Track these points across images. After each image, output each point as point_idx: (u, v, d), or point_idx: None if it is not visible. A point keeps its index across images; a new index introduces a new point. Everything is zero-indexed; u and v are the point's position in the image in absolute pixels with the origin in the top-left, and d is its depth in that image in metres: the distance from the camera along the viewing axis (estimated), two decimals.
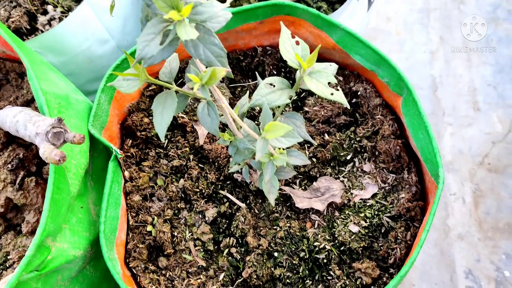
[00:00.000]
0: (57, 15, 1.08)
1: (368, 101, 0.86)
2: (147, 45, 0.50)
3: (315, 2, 1.05)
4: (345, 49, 0.84)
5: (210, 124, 0.63)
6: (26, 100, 0.89)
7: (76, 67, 1.07)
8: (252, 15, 0.88)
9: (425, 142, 0.71)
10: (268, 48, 0.98)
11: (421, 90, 1.33)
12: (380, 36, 1.41)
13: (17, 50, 0.75)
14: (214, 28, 0.53)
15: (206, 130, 0.81)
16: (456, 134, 1.26)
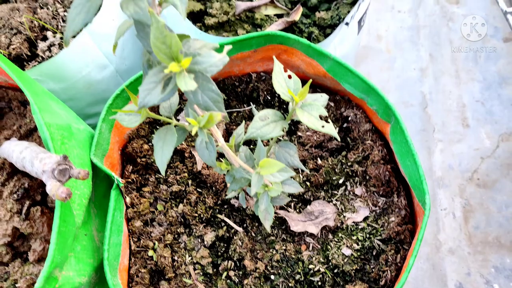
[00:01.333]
0: (57, 41, 1.12)
1: (359, 126, 0.90)
2: (149, 94, 0.53)
3: (307, 27, 1.09)
4: (335, 77, 0.87)
5: (208, 157, 0.66)
6: (29, 129, 0.92)
7: (76, 92, 1.10)
8: (246, 45, 0.91)
9: (412, 169, 0.75)
10: (262, 74, 1.01)
11: (411, 107, 1.37)
12: (371, 54, 1.45)
13: (20, 84, 0.78)
14: (212, 72, 0.56)
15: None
16: (446, 150, 1.30)
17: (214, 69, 0.57)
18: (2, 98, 0.98)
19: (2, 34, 1.11)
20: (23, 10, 1.12)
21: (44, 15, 1.13)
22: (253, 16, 1.10)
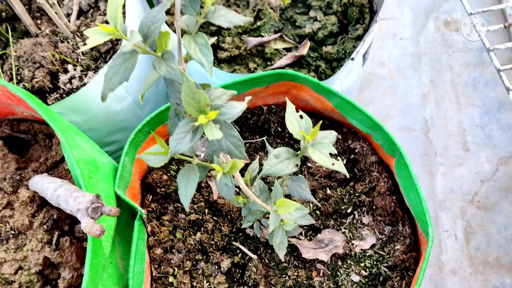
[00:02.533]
0: (77, 74, 1.18)
1: (365, 158, 0.95)
2: (179, 142, 0.59)
3: (314, 61, 1.15)
4: (342, 113, 0.93)
5: (227, 192, 0.72)
6: (55, 161, 0.98)
7: (96, 123, 1.16)
8: (258, 82, 0.98)
9: (416, 202, 0.81)
10: (273, 107, 1.07)
11: (414, 131, 1.43)
12: (375, 80, 1.51)
13: (51, 123, 0.84)
14: (233, 118, 0.62)
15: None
16: (447, 174, 1.36)
17: (235, 117, 0.63)
18: (28, 131, 1.04)
19: (25, 68, 1.18)
20: (45, 44, 1.19)
21: (64, 49, 1.19)
22: (263, 50, 1.17)
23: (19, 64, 1.19)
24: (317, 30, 1.17)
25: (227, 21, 0.61)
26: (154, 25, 0.57)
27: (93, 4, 1.31)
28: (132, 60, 0.57)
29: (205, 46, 0.59)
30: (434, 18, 1.58)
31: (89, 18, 1.28)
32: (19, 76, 1.18)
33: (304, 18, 1.22)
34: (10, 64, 1.20)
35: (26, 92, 0.88)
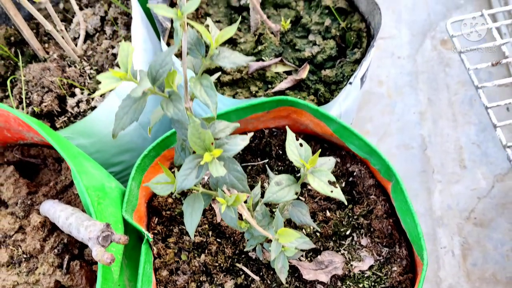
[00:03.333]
0: (84, 98, 1.22)
1: (363, 182, 0.99)
2: (185, 179, 0.63)
3: (313, 84, 1.19)
4: (341, 138, 0.97)
5: (230, 220, 0.76)
6: (64, 186, 1.02)
7: (103, 145, 1.20)
8: (260, 108, 1.01)
9: (411, 226, 0.84)
10: (274, 130, 1.11)
11: (412, 149, 1.46)
12: (373, 98, 1.55)
13: (60, 151, 0.88)
14: (236, 151, 0.66)
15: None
16: (444, 191, 1.39)
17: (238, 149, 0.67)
18: (38, 156, 1.08)
19: (34, 92, 1.22)
20: (53, 69, 1.23)
21: (72, 73, 1.24)
22: (264, 74, 1.20)
23: (28, 88, 1.23)
24: (316, 54, 1.21)
25: (231, 62, 0.65)
26: (163, 69, 0.61)
27: (99, 28, 1.35)
28: (141, 101, 0.61)
29: (210, 88, 0.63)
30: (431, 37, 1.62)
31: (95, 42, 1.32)
32: (28, 99, 1.23)
33: (303, 41, 1.25)
34: (19, 88, 1.24)
35: (37, 121, 0.92)
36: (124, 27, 1.33)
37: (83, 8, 1.40)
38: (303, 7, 1.30)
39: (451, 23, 1.07)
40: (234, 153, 0.64)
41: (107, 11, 1.36)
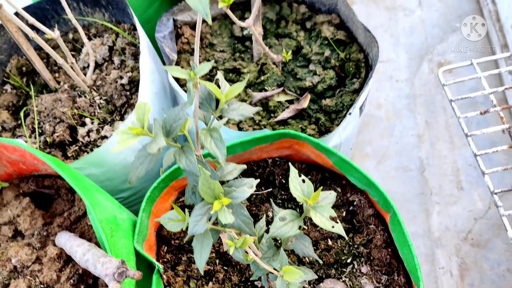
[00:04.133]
0: (95, 127, 1.27)
1: (363, 211, 1.04)
2: (196, 225, 0.68)
3: (314, 113, 1.24)
4: (341, 170, 1.02)
5: (237, 256, 0.81)
6: (78, 216, 1.06)
7: (113, 173, 1.25)
8: (263, 140, 1.06)
9: (408, 257, 0.89)
10: (277, 159, 1.16)
11: (410, 171, 1.51)
12: (372, 121, 1.60)
13: (75, 187, 0.93)
14: (243, 198, 0.71)
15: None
16: (442, 212, 1.44)
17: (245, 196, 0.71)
18: (51, 186, 1.13)
19: (47, 123, 1.27)
20: (64, 100, 1.28)
21: (82, 103, 1.29)
22: (267, 103, 1.26)
23: (41, 118, 1.28)
24: (317, 83, 1.26)
25: (239, 115, 0.70)
26: (176, 123, 0.66)
27: (107, 57, 1.40)
28: (156, 154, 0.66)
29: (219, 140, 0.67)
30: (428, 60, 1.67)
31: (104, 72, 1.37)
32: (41, 129, 1.28)
33: (304, 71, 1.30)
34: (32, 118, 1.30)
35: (51, 158, 0.97)
36: (132, 57, 1.38)
37: (91, 38, 1.45)
38: (303, 38, 1.35)
39: (442, 72, 1.12)
40: (241, 200, 0.69)
41: (114, 41, 1.41)
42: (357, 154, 1.54)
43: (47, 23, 1.45)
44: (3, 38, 1.39)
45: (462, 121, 1.09)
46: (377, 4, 1.79)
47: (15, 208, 1.06)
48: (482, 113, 1.10)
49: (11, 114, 1.38)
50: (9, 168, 1.10)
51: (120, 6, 1.38)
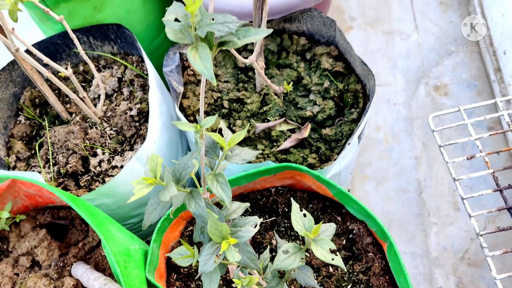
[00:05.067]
0: (106, 158, 1.33)
1: (362, 239, 1.09)
2: (206, 263, 0.74)
3: (315, 142, 1.30)
4: (341, 201, 1.08)
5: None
6: (92, 246, 1.12)
7: (123, 202, 1.31)
8: (267, 172, 1.12)
9: (404, 286, 0.94)
10: (280, 189, 1.22)
11: (409, 193, 1.56)
12: (371, 144, 1.66)
13: (89, 222, 0.99)
14: (248, 237, 0.77)
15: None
16: (440, 233, 1.49)
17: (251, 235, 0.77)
18: (66, 217, 1.19)
19: (60, 154, 1.33)
20: (76, 132, 1.34)
21: (93, 135, 1.35)
22: (270, 133, 1.32)
23: (54, 149, 1.34)
24: (317, 113, 1.32)
25: (241, 159, 0.76)
26: (185, 171, 0.72)
27: (116, 88, 1.47)
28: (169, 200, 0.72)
29: (225, 184, 0.74)
30: (424, 83, 1.73)
31: (114, 102, 1.44)
32: (54, 160, 1.34)
33: (305, 100, 1.37)
34: (46, 149, 1.36)
35: (66, 194, 1.03)
36: (140, 88, 1.44)
37: (101, 70, 1.52)
38: (303, 68, 1.41)
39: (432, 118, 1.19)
40: (246, 239, 0.75)
41: (123, 73, 1.48)
42: (357, 176, 1.60)
43: (59, 56, 1.52)
44: (17, 72, 1.46)
45: (450, 166, 1.15)
46: (374, 28, 1.85)
47: (33, 239, 1.13)
48: (468, 158, 1.16)
49: (25, 144, 1.44)
50: (26, 201, 1.16)
51: (128, 40, 1.44)
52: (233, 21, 0.63)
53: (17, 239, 1.15)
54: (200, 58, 0.62)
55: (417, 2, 1.89)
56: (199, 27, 0.62)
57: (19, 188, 1.11)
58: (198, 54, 0.62)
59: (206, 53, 0.62)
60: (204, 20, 0.62)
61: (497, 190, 1.15)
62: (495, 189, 1.15)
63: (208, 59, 0.62)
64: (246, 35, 0.66)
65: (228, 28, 0.62)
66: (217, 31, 0.62)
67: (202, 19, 0.62)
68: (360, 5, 1.91)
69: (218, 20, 0.62)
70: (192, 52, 0.62)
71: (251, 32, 0.66)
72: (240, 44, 0.64)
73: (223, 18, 0.63)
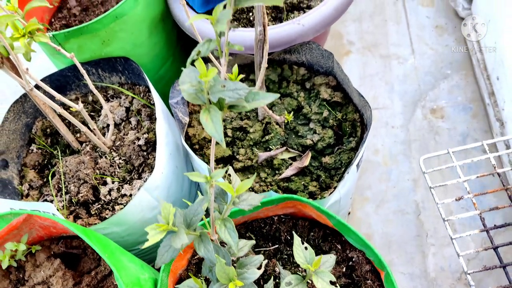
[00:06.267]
0: (115, 187, 1.39)
1: (361, 267, 1.15)
2: None
3: (315, 169, 1.35)
4: (340, 231, 1.13)
5: None
6: (104, 275, 1.18)
7: (133, 229, 1.37)
8: (270, 203, 1.18)
9: None
10: (282, 217, 1.28)
11: (407, 214, 1.62)
12: (370, 167, 1.71)
13: (102, 254, 1.04)
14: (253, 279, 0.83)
15: None
16: (438, 254, 1.54)
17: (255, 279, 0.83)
18: (78, 246, 1.25)
19: (71, 183, 1.39)
20: (87, 162, 1.40)
21: (103, 164, 1.41)
22: (272, 161, 1.37)
23: (66, 179, 1.40)
24: (317, 141, 1.38)
25: (248, 204, 0.82)
26: (195, 217, 0.78)
27: (124, 118, 1.53)
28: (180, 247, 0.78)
29: (232, 230, 0.79)
30: (421, 107, 1.79)
31: (122, 131, 1.50)
32: (66, 188, 1.40)
33: (305, 128, 1.42)
34: (57, 179, 1.42)
35: (79, 227, 1.09)
36: (147, 118, 1.51)
37: (109, 100, 1.58)
38: (303, 98, 1.47)
39: (423, 160, 1.25)
40: (252, 280, 0.80)
41: (131, 102, 1.54)
42: (357, 198, 1.65)
43: (68, 87, 1.58)
44: (29, 103, 1.52)
45: (441, 207, 1.22)
46: (372, 53, 1.91)
47: (48, 269, 1.18)
48: (457, 199, 1.23)
49: (37, 172, 1.51)
50: (41, 231, 1.22)
51: (135, 72, 1.51)
52: (242, 88, 0.69)
53: (33, 269, 1.20)
54: (212, 121, 0.68)
55: (413, 26, 1.95)
56: (211, 92, 0.68)
57: (35, 221, 1.17)
58: (210, 117, 0.68)
59: (218, 117, 0.68)
60: (216, 87, 0.68)
61: (484, 231, 1.21)
62: (482, 229, 1.22)
63: (219, 123, 0.67)
64: (255, 98, 0.72)
65: (238, 94, 0.68)
66: (228, 98, 0.68)
67: (214, 85, 0.68)
68: (358, 29, 1.97)
69: (229, 87, 0.68)
70: (204, 115, 0.68)
71: (259, 96, 0.72)
72: (249, 108, 0.70)
73: (233, 85, 0.69)
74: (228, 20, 0.67)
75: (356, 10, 2.01)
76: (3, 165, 1.47)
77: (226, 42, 0.73)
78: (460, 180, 1.27)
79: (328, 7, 1.40)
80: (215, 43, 0.71)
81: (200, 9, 1.49)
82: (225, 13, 0.67)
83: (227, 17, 0.67)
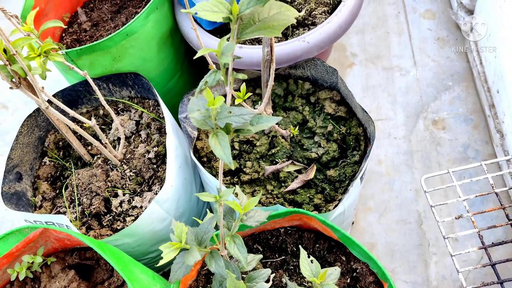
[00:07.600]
0: (126, 199, 1.44)
1: (365, 278, 1.19)
2: None
3: (320, 182, 1.40)
4: (345, 244, 1.18)
5: None
6: (117, 286, 1.23)
7: (143, 240, 1.41)
8: (276, 216, 1.22)
9: None
10: (289, 228, 1.32)
11: (410, 224, 1.66)
12: (373, 177, 1.75)
13: (115, 266, 1.09)
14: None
15: None
16: (439, 262, 1.58)
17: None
18: (92, 258, 1.29)
19: (84, 196, 1.44)
20: (99, 175, 1.45)
21: (114, 177, 1.46)
22: (278, 174, 1.42)
23: (78, 191, 1.45)
24: (322, 154, 1.42)
25: (255, 221, 0.87)
26: (206, 235, 0.82)
27: (134, 131, 1.58)
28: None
29: (241, 246, 0.84)
30: (423, 118, 1.83)
31: (132, 144, 1.54)
32: (79, 200, 1.45)
33: (310, 142, 1.47)
34: (70, 191, 1.47)
35: (93, 240, 1.13)
36: (157, 131, 1.55)
37: (119, 113, 1.63)
38: (308, 112, 1.51)
39: (424, 179, 1.30)
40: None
41: (141, 116, 1.59)
42: (360, 208, 1.69)
43: (80, 101, 1.63)
44: (42, 117, 1.57)
45: (441, 225, 1.26)
46: (375, 65, 1.95)
47: (62, 280, 1.23)
48: (456, 218, 1.27)
49: (49, 184, 1.55)
50: (55, 244, 1.27)
51: (145, 86, 1.55)
52: (247, 113, 0.74)
53: (48, 280, 1.25)
54: (220, 145, 0.72)
55: (415, 38, 1.99)
56: (218, 118, 0.73)
57: (50, 234, 1.21)
58: (219, 141, 0.73)
59: (225, 141, 0.72)
60: (223, 113, 0.73)
61: (482, 248, 1.25)
62: (480, 246, 1.26)
63: (227, 146, 0.72)
64: (259, 122, 0.77)
65: (244, 119, 0.73)
66: (234, 123, 0.73)
67: (221, 111, 0.73)
68: (361, 42, 2.01)
69: (235, 113, 0.73)
70: (213, 139, 0.73)
71: (263, 120, 0.77)
72: (254, 131, 0.75)
73: (239, 111, 0.74)
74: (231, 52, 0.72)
75: (359, 22, 2.05)
76: (17, 177, 1.52)
77: (230, 72, 0.78)
78: (460, 199, 1.31)
79: (332, 25, 1.44)
80: (220, 74, 0.76)
81: (208, 26, 1.54)
82: (229, 46, 0.72)
83: (231, 50, 0.71)
